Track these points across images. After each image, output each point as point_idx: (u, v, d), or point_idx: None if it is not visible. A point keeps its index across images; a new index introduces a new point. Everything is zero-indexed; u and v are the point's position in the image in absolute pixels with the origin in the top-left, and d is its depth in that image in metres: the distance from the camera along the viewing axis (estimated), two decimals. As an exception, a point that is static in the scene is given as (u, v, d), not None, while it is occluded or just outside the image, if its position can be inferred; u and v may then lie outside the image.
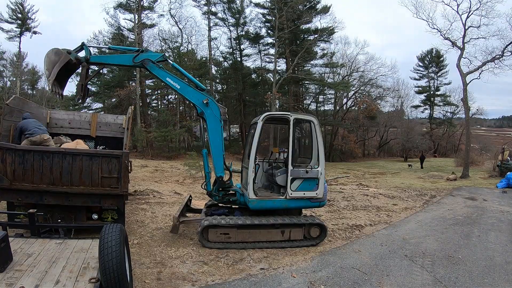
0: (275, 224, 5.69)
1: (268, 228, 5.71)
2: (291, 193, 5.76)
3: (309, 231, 5.91)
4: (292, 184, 5.76)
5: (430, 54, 49.13)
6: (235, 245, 5.63)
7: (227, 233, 5.56)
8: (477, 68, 20.32)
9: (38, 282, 2.81)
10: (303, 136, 6.20)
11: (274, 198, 5.89)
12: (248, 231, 5.64)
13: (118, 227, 3.27)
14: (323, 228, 5.98)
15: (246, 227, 5.61)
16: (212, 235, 5.55)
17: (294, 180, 5.76)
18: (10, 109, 6.14)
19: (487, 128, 75.49)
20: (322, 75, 39.42)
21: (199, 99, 5.91)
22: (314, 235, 5.95)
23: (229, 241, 5.61)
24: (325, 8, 35.13)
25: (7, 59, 34.42)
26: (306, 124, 6.09)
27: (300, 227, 5.83)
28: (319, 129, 5.94)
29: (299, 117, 6.02)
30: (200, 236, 5.55)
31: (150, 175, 14.08)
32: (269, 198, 5.93)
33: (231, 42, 36.37)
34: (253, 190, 5.74)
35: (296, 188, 5.77)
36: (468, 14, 19.71)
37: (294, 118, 5.84)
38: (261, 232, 5.69)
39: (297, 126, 6.05)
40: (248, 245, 5.65)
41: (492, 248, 6.29)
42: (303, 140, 6.23)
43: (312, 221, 5.90)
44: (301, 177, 5.76)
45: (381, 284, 4.63)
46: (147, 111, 32.87)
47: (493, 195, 12.61)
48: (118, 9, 30.98)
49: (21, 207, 5.42)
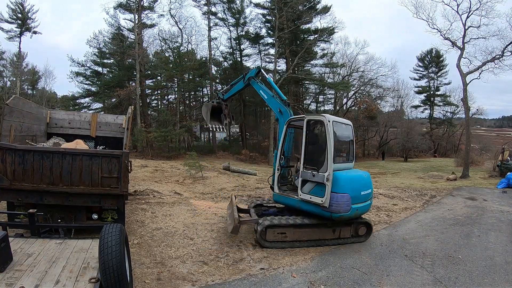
0: (327, 224, 5.87)
1: (321, 227, 5.90)
2: (300, 195, 5.85)
3: (356, 229, 6.14)
4: (304, 186, 5.81)
5: (430, 54, 49.12)
6: (291, 244, 5.80)
7: (284, 233, 5.73)
8: (477, 68, 20.30)
9: (38, 282, 2.81)
10: (317, 138, 5.95)
11: (291, 197, 6.15)
12: (304, 230, 5.80)
13: (118, 227, 3.27)
14: (369, 226, 6.25)
15: (302, 227, 5.78)
16: (270, 235, 5.69)
17: (305, 183, 5.81)
18: (10, 109, 6.14)
19: (487, 128, 75.48)
20: (322, 75, 39.40)
21: (276, 107, 6.83)
22: (361, 233, 6.18)
23: (286, 240, 5.76)
24: (325, 8, 35.11)
25: (7, 59, 34.44)
26: (319, 125, 5.85)
27: (348, 226, 6.05)
28: (330, 130, 5.50)
29: (311, 117, 5.99)
30: (260, 236, 5.65)
31: (150, 175, 14.07)
32: (287, 195, 6.25)
33: (231, 42, 36.38)
34: (277, 186, 6.36)
35: (308, 191, 5.76)
36: (468, 14, 19.70)
37: (307, 119, 5.96)
38: (314, 231, 5.87)
39: (310, 127, 5.97)
40: (303, 243, 5.82)
41: (492, 248, 6.29)
42: (319, 142, 5.93)
43: (360, 220, 6.16)
44: (311, 181, 5.72)
45: (381, 284, 4.63)
46: (147, 111, 32.83)
47: (493, 195, 12.60)
48: (118, 9, 30.99)
49: (21, 207, 5.41)
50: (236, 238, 6.24)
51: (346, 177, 5.62)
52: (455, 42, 20.70)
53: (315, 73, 39.00)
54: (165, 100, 38.52)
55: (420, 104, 51.92)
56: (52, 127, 8.42)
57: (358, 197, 5.70)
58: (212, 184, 12.90)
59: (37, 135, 7.68)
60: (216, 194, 11.02)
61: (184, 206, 8.60)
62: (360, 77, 39.18)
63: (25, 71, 36.33)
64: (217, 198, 10.40)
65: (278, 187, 6.36)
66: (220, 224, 7.05)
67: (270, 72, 35.35)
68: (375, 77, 39.00)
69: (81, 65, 32.24)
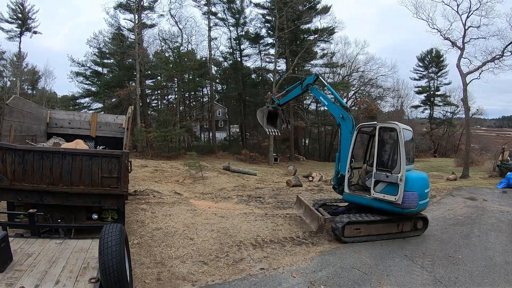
0: (392, 219, 6.50)
1: (388, 222, 6.52)
2: (373, 194, 6.40)
3: (415, 223, 6.76)
4: (376, 186, 6.40)
5: (430, 54, 49.10)
6: (364, 238, 6.35)
7: (359, 228, 6.31)
8: (477, 68, 20.29)
9: (38, 282, 2.81)
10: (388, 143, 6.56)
11: (362, 196, 6.70)
12: (374, 226, 6.42)
13: (118, 227, 3.27)
14: (426, 220, 6.90)
15: (373, 222, 6.40)
16: (347, 230, 6.25)
17: (378, 183, 6.40)
18: (10, 109, 6.14)
19: (487, 128, 75.36)
20: (322, 75, 39.41)
21: (338, 113, 7.25)
22: (419, 227, 6.83)
23: (360, 235, 6.33)
24: (325, 8, 35.08)
25: (7, 59, 34.43)
26: (390, 132, 6.48)
27: (409, 221, 6.67)
28: (401, 136, 6.12)
29: (383, 125, 6.60)
30: (339, 232, 6.18)
31: (150, 175, 14.07)
32: (358, 195, 6.80)
33: (231, 42, 36.36)
34: (347, 186, 6.87)
35: (380, 191, 6.34)
36: (468, 14, 19.69)
37: (379, 126, 6.58)
38: (383, 226, 6.50)
39: (382, 134, 6.58)
40: (373, 237, 6.41)
41: (492, 248, 6.29)
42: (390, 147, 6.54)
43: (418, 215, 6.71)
44: (383, 181, 6.30)
45: (381, 284, 4.63)
46: (147, 111, 32.81)
47: (493, 195, 12.60)
48: (118, 9, 30.96)
49: (21, 207, 5.41)
50: (236, 238, 6.25)
51: (414, 177, 6.32)
52: (455, 42, 20.70)
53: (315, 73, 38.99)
54: (165, 100, 38.50)
55: (420, 104, 51.89)
56: (52, 127, 8.42)
57: (423, 194, 6.40)
58: (212, 184, 12.90)
59: (37, 135, 7.68)
60: (216, 194, 11.02)
61: (184, 206, 8.60)
62: (360, 77, 39.19)
63: (25, 71, 36.33)
64: (217, 198, 10.40)
65: (348, 187, 6.91)
66: (220, 224, 7.05)
67: (270, 72, 35.37)
68: (375, 77, 39.02)
69: (81, 65, 32.27)
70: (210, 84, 34.21)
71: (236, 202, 9.81)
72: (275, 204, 9.64)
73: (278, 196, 11.01)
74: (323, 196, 10.75)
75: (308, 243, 6.26)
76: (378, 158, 6.41)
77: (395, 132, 6.25)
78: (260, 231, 6.75)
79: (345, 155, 7.01)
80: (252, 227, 7.04)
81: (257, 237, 6.40)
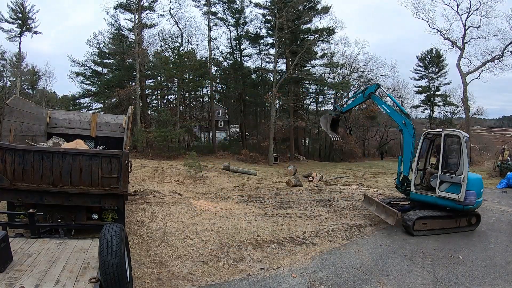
0: (451, 215, 7.26)
1: (448, 218, 7.26)
2: (438, 193, 7.17)
3: (470, 220, 7.47)
4: (441, 186, 7.18)
5: (430, 54, 49.07)
6: (429, 232, 7.05)
7: (426, 223, 7.05)
8: (477, 68, 20.36)
9: (38, 282, 2.81)
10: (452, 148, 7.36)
11: (428, 194, 7.50)
12: (437, 221, 7.16)
13: (118, 227, 3.27)
14: (479, 217, 7.58)
15: (437, 218, 7.15)
16: (417, 225, 6.96)
17: (442, 183, 7.17)
18: (10, 109, 6.14)
19: (487, 128, 75.31)
20: (322, 75, 39.37)
21: (400, 120, 8.14)
22: (473, 222, 7.52)
23: (426, 229, 7.03)
24: (325, 8, 35.07)
25: (7, 59, 34.42)
26: (455, 138, 7.28)
27: (465, 217, 7.41)
28: (464, 143, 6.94)
29: (449, 132, 7.37)
30: (411, 227, 6.88)
31: (150, 175, 14.07)
32: (424, 193, 7.60)
33: (231, 42, 36.34)
34: (414, 186, 7.74)
35: (444, 190, 7.13)
36: (468, 14, 19.76)
37: (444, 133, 7.34)
38: (444, 221, 7.25)
39: (447, 140, 7.35)
40: (436, 231, 7.10)
41: (492, 248, 6.30)
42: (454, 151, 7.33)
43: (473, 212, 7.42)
44: (447, 181, 7.09)
45: (381, 284, 4.63)
46: (147, 111, 32.79)
47: (493, 195, 12.59)
48: (118, 9, 30.94)
49: (21, 207, 5.41)
50: (236, 238, 6.25)
51: (473, 178, 7.08)
52: (455, 42, 20.76)
53: (315, 73, 39.00)
54: (165, 100, 38.50)
55: (420, 104, 51.82)
56: (52, 127, 8.42)
57: (479, 193, 7.19)
58: (212, 184, 12.90)
59: (37, 135, 7.68)
60: (216, 194, 11.02)
61: (184, 206, 8.60)
62: (360, 77, 39.20)
63: (25, 71, 36.32)
64: (217, 198, 10.40)
65: (415, 187, 7.76)
66: (220, 224, 7.06)
67: (270, 72, 35.36)
68: (375, 77, 38.99)
69: (81, 65, 32.27)
70: (210, 84, 34.19)
71: (236, 202, 9.81)
72: (275, 204, 9.64)
73: (278, 196, 11.01)
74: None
75: (308, 243, 6.26)
76: (443, 161, 7.23)
77: (459, 138, 7.10)
78: (260, 231, 6.75)
79: (408, 158, 7.96)
80: (252, 227, 7.04)
81: (257, 237, 6.40)
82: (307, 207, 9.33)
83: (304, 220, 7.83)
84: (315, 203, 9.89)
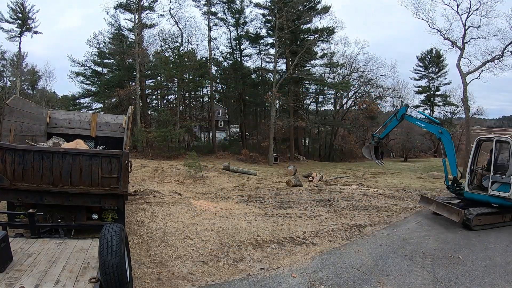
0: (499, 212, 7.97)
1: (497, 214, 7.95)
2: (490, 192, 7.84)
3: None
4: (492, 185, 7.86)
5: (430, 54, 49.08)
6: (483, 226, 7.66)
7: (480, 219, 7.64)
8: (477, 68, 20.33)
9: (38, 282, 2.81)
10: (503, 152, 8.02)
11: (480, 193, 8.16)
12: (489, 216, 7.84)
13: (118, 227, 3.27)
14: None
15: (490, 214, 7.84)
16: (474, 221, 7.52)
17: (494, 183, 7.85)
18: (10, 109, 6.14)
19: (487, 128, 75.17)
20: (322, 75, 39.33)
21: (436, 130, 9.00)
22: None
23: (480, 224, 7.64)
24: (325, 8, 35.04)
25: (7, 59, 34.40)
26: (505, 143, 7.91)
27: (510, 213, 8.07)
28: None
29: (500, 138, 8.04)
30: (471, 222, 7.44)
31: (150, 175, 14.07)
32: (477, 192, 8.26)
33: (231, 42, 36.30)
34: (467, 185, 8.44)
35: (496, 189, 7.81)
36: (468, 14, 19.72)
37: (496, 139, 8.02)
38: (494, 217, 7.93)
39: (498, 145, 8.01)
40: (487, 226, 7.75)
41: (492, 248, 6.30)
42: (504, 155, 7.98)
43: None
44: (498, 181, 7.77)
45: (381, 284, 4.63)
46: (147, 111, 32.77)
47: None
48: (118, 9, 30.92)
49: (21, 207, 5.42)
50: (236, 238, 6.25)
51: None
52: (455, 42, 20.72)
53: (315, 73, 38.98)
54: (165, 100, 38.46)
55: (420, 104, 51.81)
56: (52, 127, 8.42)
57: None
58: (212, 184, 12.91)
59: (37, 135, 7.68)
60: (216, 194, 11.02)
61: (184, 206, 8.60)
62: (360, 77, 39.15)
63: (25, 71, 36.33)
64: (217, 198, 10.40)
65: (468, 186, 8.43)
66: (220, 224, 7.06)
67: (270, 72, 35.35)
68: (375, 77, 38.99)
69: (81, 65, 32.24)
70: (210, 84, 34.18)
71: (236, 202, 9.81)
72: (275, 204, 9.64)
73: (278, 196, 11.01)
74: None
75: (308, 243, 6.26)
76: (494, 163, 7.93)
77: (508, 144, 7.78)
78: (260, 231, 6.75)
79: (452, 161, 8.75)
80: (252, 227, 7.04)
81: (257, 237, 6.40)
82: (307, 207, 9.33)
83: (304, 220, 7.83)
84: (315, 203, 9.89)
